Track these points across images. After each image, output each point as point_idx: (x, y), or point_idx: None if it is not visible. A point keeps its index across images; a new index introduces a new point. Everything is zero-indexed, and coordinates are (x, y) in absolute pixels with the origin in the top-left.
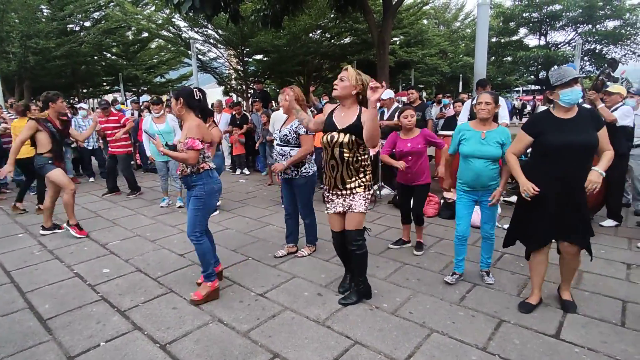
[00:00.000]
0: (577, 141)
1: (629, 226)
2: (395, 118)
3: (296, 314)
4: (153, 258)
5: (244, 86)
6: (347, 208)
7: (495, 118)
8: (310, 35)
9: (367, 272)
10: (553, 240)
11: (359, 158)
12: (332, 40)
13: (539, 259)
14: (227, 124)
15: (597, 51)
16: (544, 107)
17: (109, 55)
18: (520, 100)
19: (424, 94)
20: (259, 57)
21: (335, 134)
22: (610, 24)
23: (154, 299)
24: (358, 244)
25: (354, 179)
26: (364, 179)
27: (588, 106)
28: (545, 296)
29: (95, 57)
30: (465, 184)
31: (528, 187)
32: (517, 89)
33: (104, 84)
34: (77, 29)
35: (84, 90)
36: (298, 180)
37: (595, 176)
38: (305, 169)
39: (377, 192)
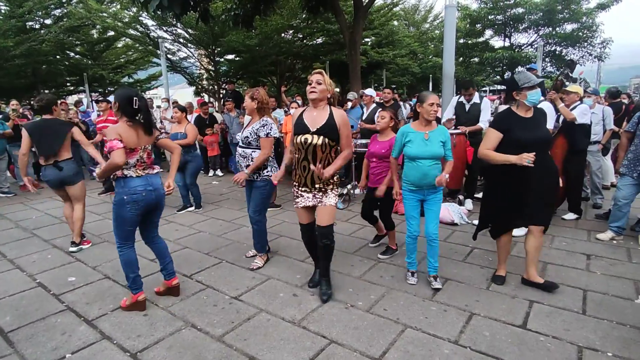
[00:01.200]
0: (541, 137)
1: (588, 219)
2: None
3: (272, 315)
4: None
5: (215, 86)
6: (317, 202)
7: (476, 120)
8: (282, 35)
9: (342, 270)
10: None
11: (330, 160)
12: (305, 41)
13: (505, 240)
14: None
15: (557, 53)
16: (505, 106)
17: (72, 54)
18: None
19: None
20: (230, 57)
21: (308, 136)
22: (569, 27)
23: None
24: (331, 238)
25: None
26: (332, 179)
27: (550, 105)
28: (512, 288)
29: (58, 57)
30: (412, 184)
31: (525, 157)
32: (484, 88)
33: (68, 84)
34: (37, 26)
35: (46, 91)
36: (257, 183)
37: None
38: (267, 172)
39: (351, 191)
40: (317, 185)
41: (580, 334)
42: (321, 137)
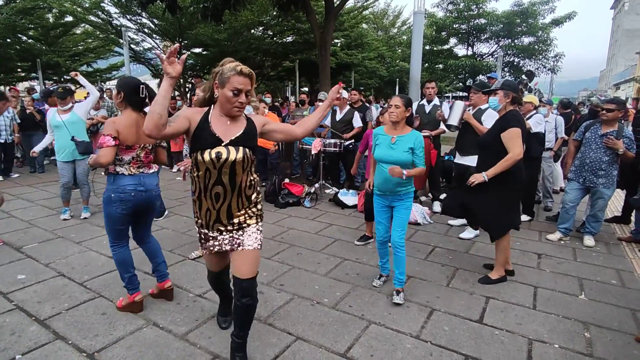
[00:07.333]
0: None
1: (539, 221)
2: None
3: None
4: (79, 261)
5: (181, 80)
6: (235, 246)
7: (437, 121)
8: (252, 31)
9: (308, 268)
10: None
11: (252, 182)
12: (275, 38)
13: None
14: None
15: (515, 63)
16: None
17: (24, 38)
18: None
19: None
20: (197, 50)
21: (221, 150)
22: (526, 40)
23: (79, 305)
24: (254, 294)
25: (243, 210)
26: (255, 209)
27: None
28: (470, 285)
29: (8, 40)
30: (377, 188)
31: None
32: (447, 95)
33: (19, 69)
34: None
35: None
36: None
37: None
38: None
39: (319, 190)
40: (234, 220)
41: (530, 327)
42: (241, 150)
